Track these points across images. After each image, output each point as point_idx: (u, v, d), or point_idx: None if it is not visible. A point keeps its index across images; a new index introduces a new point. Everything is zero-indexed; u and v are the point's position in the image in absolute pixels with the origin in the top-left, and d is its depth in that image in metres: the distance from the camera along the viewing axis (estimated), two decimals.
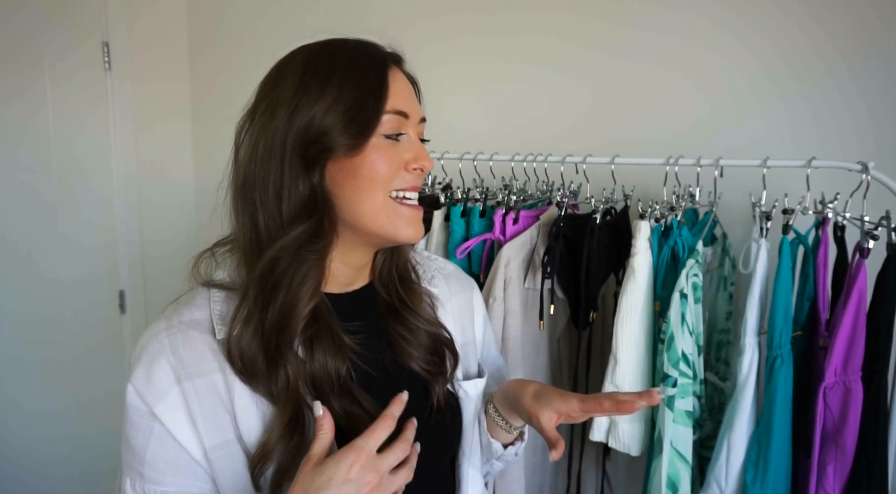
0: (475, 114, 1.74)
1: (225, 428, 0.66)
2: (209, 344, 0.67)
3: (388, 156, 0.69)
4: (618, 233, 1.29)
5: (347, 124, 0.67)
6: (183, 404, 0.65)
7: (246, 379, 0.66)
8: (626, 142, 1.53)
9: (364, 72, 0.69)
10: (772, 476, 1.08)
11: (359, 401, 0.69)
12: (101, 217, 2.11)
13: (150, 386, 0.65)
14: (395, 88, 0.70)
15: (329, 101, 0.67)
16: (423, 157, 0.72)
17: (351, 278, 0.77)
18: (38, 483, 2.03)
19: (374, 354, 0.74)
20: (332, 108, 0.67)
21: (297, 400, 0.66)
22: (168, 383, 0.65)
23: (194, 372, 0.65)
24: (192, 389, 0.65)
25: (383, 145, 0.69)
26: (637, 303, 1.19)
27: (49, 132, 1.98)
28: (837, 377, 1.04)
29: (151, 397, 0.65)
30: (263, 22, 2.08)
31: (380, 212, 0.70)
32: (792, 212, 1.10)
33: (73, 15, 1.99)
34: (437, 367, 0.78)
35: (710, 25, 1.45)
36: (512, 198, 1.37)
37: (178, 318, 0.68)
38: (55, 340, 2.03)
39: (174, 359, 0.65)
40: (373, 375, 0.73)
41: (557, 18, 1.62)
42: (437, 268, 0.89)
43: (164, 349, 0.66)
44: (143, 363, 0.66)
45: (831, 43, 1.35)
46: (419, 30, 1.77)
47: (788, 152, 1.32)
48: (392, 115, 0.69)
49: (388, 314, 0.78)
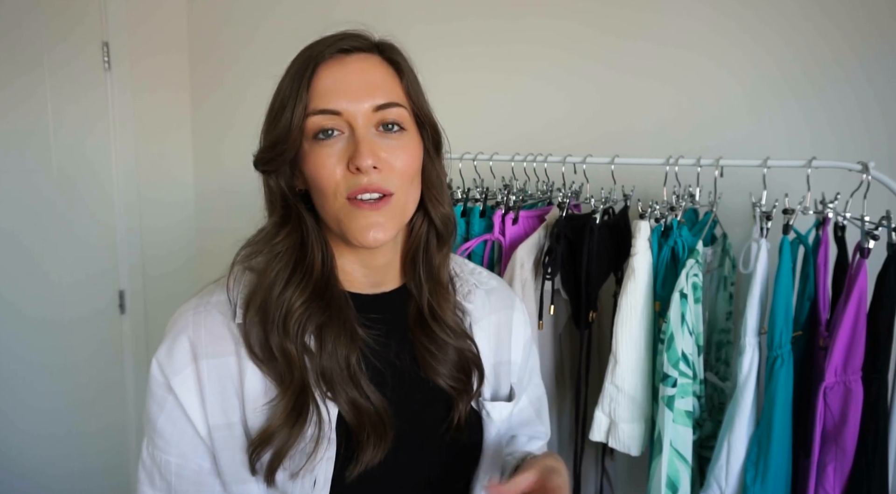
0: (475, 114, 1.74)
1: (231, 410, 0.68)
2: (229, 327, 0.69)
3: (323, 159, 0.67)
4: (618, 233, 1.29)
5: (275, 131, 0.69)
6: (195, 381, 0.67)
7: (258, 363, 0.68)
8: (626, 142, 1.53)
9: (292, 74, 0.69)
10: (772, 477, 1.08)
11: (366, 394, 0.69)
12: (101, 217, 2.11)
13: (170, 360, 0.68)
14: (323, 86, 0.67)
15: (270, 111, 0.70)
16: (357, 153, 0.65)
17: (376, 279, 0.76)
18: (38, 481, 2.03)
19: (390, 355, 0.73)
20: (267, 117, 0.71)
21: (302, 389, 0.67)
22: (186, 359, 0.68)
23: (210, 352, 0.68)
24: (205, 368, 0.67)
25: (315, 149, 0.67)
26: (637, 303, 1.19)
27: (49, 132, 1.98)
28: (838, 377, 1.04)
29: (170, 370, 0.68)
30: (265, 22, 2.08)
31: (338, 218, 0.68)
32: (792, 211, 1.10)
33: (73, 15, 1.98)
34: (463, 384, 0.75)
35: (710, 26, 1.45)
36: (511, 199, 1.37)
37: (209, 298, 0.71)
38: (55, 340, 2.03)
39: (194, 337, 0.68)
40: (384, 373, 0.72)
41: (558, 19, 1.62)
42: (477, 283, 0.84)
43: (188, 326, 0.69)
44: (168, 337, 0.69)
45: (831, 44, 1.35)
46: (419, 30, 1.77)
47: (788, 152, 1.32)
48: (316, 116, 0.67)
49: (416, 324, 0.75)
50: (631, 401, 1.20)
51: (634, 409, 1.20)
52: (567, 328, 1.41)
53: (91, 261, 2.09)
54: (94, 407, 2.10)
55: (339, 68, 0.68)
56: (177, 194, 2.29)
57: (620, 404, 1.20)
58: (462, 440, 0.75)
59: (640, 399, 1.20)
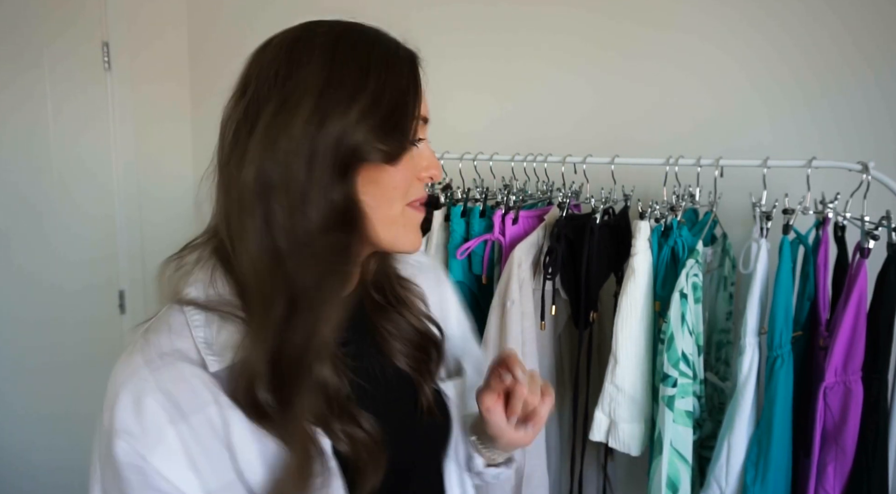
0: (475, 113, 1.74)
1: (225, 468, 0.59)
2: (199, 377, 0.59)
3: (408, 165, 0.64)
4: (618, 234, 1.29)
5: (388, 134, 0.60)
6: (181, 447, 0.57)
7: (255, 418, 0.59)
8: (627, 142, 1.53)
9: (399, 70, 0.62)
10: (772, 477, 1.08)
11: (359, 422, 0.64)
12: (101, 216, 2.11)
13: (143, 434, 0.56)
14: (421, 92, 0.65)
15: (366, 104, 0.59)
16: (434, 165, 0.66)
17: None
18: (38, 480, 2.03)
19: (364, 363, 0.70)
20: (370, 113, 0.59)
21: (306, 437, 0.60)
22: (161, 426, 0.56)
23: (188, 409, 0.57)
24: (187, 429, 0.57)
25: (407, 153, 0.64)
26: (637, 303, 1.19)
27: (49, 131, 1.98)
28: (837, 377, 1.04)
29: (144, 445, 0.56)
30: (264, 21, 2.07)
31: (395, 222, 0.64)
32: (792, 211, 1.10)
33: (73, 15, 1.98)
34: (423, 364, 0.75)
35: (710, 26, 1.45)
36: (511, 199, 1.37)
37: (158, 350, 0.59)
38: (54, 340, 2.03)
39: (163, 398, 0.57)
40: (366, 388, 0.68)
41: (558, 19, 1.62)
42: (414, 264, 0.84)
43: (147, 387, 0.57)
44: (126, 408, 0.57)
45: (832, 43, 1.35)
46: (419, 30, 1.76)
47: (789, 152, 1.32)
48: (422, 124, 0.65)
49: (374, 312, 0.74)
50: (631, 401, 1.20)
51: (634, 409, 1.20)
52: (567, 328, 1.41)
53: (91, 261, 2.09)
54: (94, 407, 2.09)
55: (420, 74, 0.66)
56: (177, 193, 2.29)
57: (620, 404, 1.20)
58: (438, 421, 0.75)
59: (641, 399, 1.20)
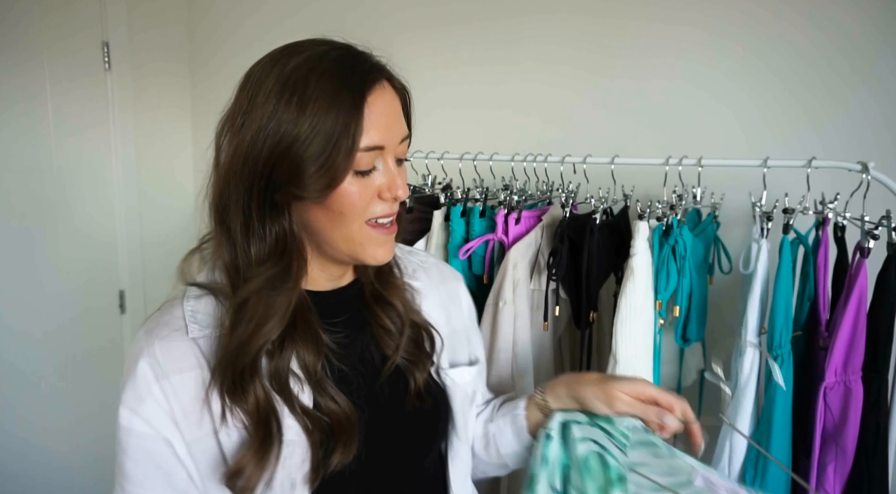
0: (475, 113, 1.74)
1: (202, 423, 0.66)
2: (186, 343, 0.68)
3: (360, 191, 0.67)
4: (618, 234, 1.29)
5: (317, 173, 0.63)
6: (165, 401, 0.66)
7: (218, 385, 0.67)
8: (626, 142, 1.53)
9: (338, 109, 0.63)
10: (772, 477, 1.08)
11: (332, 396, 0.69)
12: (101, 217, 2.11)
13: (135, 390, 0.66)
14: (373, 120, 0.65)
15: (299, 144, 0.62)
16: (396, 186, 0.68)
17: (337, 275, 0.78)
18: (38, 480, 2.03)
19: (356, 351, 0.75)
20: (302, 152, 0.62)
21: (267, 417, 0.66)
22: (149, 382, 0.66)
23: (170, 370, 0.66)
24: (169, 386, 0.66)
25: (355, 181, 0.66)
26: (637, 303, 1.19)
27: (49, 132, 1.98)
28: (837, 377, 1.04)
29: (136, 401, 0.66)
30: (265, 22, 2.08)
31: (353, 239, 0.69)
32: (792, 211, 1.10)
33: (73, 15, 1.98)
34: (416, 355, 0.79)
35: (710, 26, 1.45)
36: (514, 199, 1.37)
37: (157, 321, 0.70)
38: (54, 340, 2.03)
39: (151, 360, 0.66)
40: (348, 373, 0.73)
41: (558, 19, 1.62)
42: (417, 263, 0.89)
43: (142, 350, 0.67)
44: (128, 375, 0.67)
45: (831, 42, 1.35)
46: (419, 30, 1.76)
47: (789, 152, 1.32)
48: (366, 153, 0.65)
49: (371, 307, 0.79)
50: None
51: None
52: (567, 328, 1.40)
53: (91, 261, 2.09)
54: (95, 406, 2.10)
55: (380, 100, 0.66)
56: (177, 193, 2.29)
57: None
58: (426, 407, 0.78)
59: None
